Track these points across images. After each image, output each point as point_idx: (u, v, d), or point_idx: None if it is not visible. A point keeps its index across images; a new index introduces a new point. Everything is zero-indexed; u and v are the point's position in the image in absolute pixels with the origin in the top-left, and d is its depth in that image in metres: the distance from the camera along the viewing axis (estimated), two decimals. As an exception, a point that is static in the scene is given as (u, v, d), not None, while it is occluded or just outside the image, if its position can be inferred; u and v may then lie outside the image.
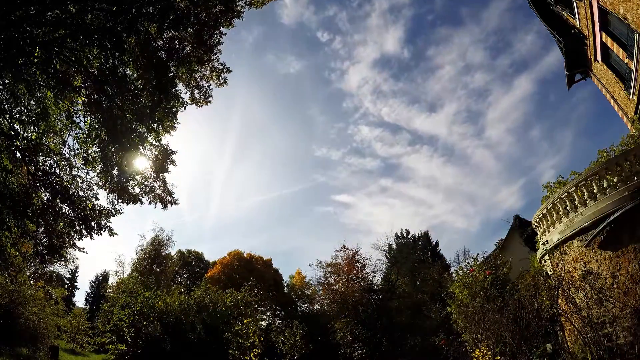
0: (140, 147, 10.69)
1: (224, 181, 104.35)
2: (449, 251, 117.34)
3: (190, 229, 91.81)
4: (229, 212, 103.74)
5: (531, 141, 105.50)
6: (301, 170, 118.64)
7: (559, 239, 9.99)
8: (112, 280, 43.02)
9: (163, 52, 10.35)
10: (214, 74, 11.30)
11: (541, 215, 11.14)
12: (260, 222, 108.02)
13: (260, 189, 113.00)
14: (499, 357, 9.79)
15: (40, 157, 10.46)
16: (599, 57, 14.81)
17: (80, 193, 10.86)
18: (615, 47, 13.12)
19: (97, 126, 10.42)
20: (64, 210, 10.75)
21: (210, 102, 11.58)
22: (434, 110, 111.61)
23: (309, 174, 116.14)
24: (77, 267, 49.36)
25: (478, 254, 22.58)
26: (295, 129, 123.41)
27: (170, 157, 11.27)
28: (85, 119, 10.64)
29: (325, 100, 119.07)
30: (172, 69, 10.50)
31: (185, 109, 11.35)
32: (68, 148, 10.88)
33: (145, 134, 10.78)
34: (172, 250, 43.04)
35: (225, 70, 11.28)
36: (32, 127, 10.18)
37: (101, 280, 50.37)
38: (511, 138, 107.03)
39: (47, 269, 33.23)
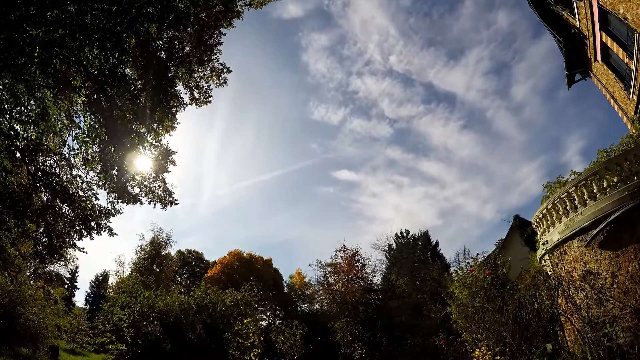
0: (140, 147, 10.68)
1: (216, 160, 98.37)
2: (449, 251, 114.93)
3: (182, 217, 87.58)
4: (223, 198, 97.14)
5: (559, 105, 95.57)
6: (298, 141, 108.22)
7: (559, 239, 9.99)
8: (112, 280, 43.10)
9: (163, 52, 10.35)
10: (214, 74, 11.30)
11: (541, 215, 11.14)
12: (256, 208, 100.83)
13: (255, 168, 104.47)
14: (499, 357, 9.79)
15: (40, 157, 10.46)
16: (599, 57, 14.81)
17: (80, 193, 10.86)
18: (615, 47, 13.12)
19: (97, 126, 10.42)
20: (64, 210, 10.75)
21: (210, 102, 11.59)
22: (452, 57, 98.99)
23: (306, 145, 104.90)
24: (77, 267, 49.33)
25: (478, 254, 22.58)
26: (292, 83, 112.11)
27: (170, 157, 11.26)
28: (85, 119, 10.65)
29: (324, 49, 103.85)
30: (172, 69, 10.50)
31: (185, 109, 11.38)
32: (68, 148, 10.89)
33: (145, 134, 10.77)
34: (172, 250, 43.10)
35: (225, 70, 11.28)
36: (32, 127, 10.18)
37: (101, 280, 50.37)
38: (538, 99, 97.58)
39: (47, 269, 33.27)
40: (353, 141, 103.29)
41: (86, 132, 10.55)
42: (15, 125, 10.08)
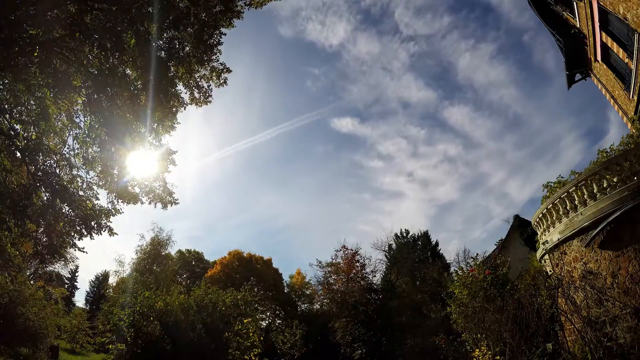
0: (140, 147, 10.69)
1: (201, 119, 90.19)
2: (449, 251, 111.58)
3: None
4: (211, 169, 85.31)
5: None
6: (294, 74, 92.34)
7: (559, 239, 9.99)
8: (112, 280, 43.09)
9: (163, 52, 10.34)
10: (214, 74, 11.28)
11: (541, 215, 11.14)
12: (249, 185, 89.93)
13: (245, 129, 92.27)
14: (498, 357, 9.78)
15: (40, 157, 10.45)
16: (599, 57, 14.80)
17: (80, 193, 10.86)
18: (615, 47, 13.12)
19: (97, 126, 10.42)
20: (64, 210, 10.75)
21: (210, 102, 11.58)
22: None
23: (303, 79, 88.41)
24: (77, 267, 49.33)
25: (478, 254, 22.61)
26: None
27: (170, 157, 11.27)
28: (85, 118, 10.65)
29: None
30: (172, 69, 10.50)
31: (185, 109, 11.38)
32: (68, 148, 10.90)
33: (145, 134, 10.78)
34: (172, 250, 43.08)
35: (225, 70, 11.26)
36: (32, 127, 10.18)
37: (101, 280, 50.28)
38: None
39: (47, 268, 33.28)
40: (358, 74, 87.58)
41: (86, 132, 10.56)
42: (15, 125, 10.09)
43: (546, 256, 10.96)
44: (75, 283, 52.05)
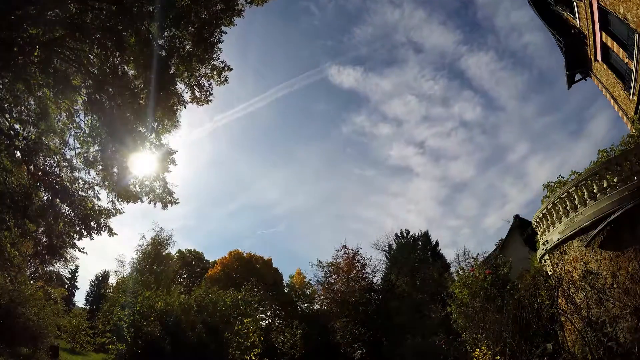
0: (141, 147, 10.69)
1: None
2: (449, 251, 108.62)
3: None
4: (202, 145, 76.77)
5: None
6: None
7: (559, 239, 9.99)
8: (112, 280, 43.12)
9: (163, 51, 10.33)
10: (215, 72, 11.25)
11: (541, 215, 11.14)
12: (244, 164, 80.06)
13: (239, 96, 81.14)
14: (499, 357, 9.78)
15: (40, 157, 10.45)
16: (599, 57, 14.79)
17: (81, 193, 10.87)
18: (615, 47, 13.11)
19: (97, 125, 10.43)
20: (63, 210, 10.75)
21: (211, 100, 11.56)
22: None
23: (300, 17, 75.07)
24: (77, 267, 49.30)
25: (478, 254, 22.61)
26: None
27: (171, 157, 11.26)
28: (86, 118, 10.66)
29: None
30: (173, 68, 10.48)
31: (185, 107, 11.36)
32: (68, 148, 10.91)
33: (146, 133, 10.78)
34: (172, 250, 43.06)
35: (226, 68, 11.23)
36: (32, 127, 10.19)
37: (101, 280, 50.26)
38: None
39: (47, 268, 33.24)
40: (362, 11, 71.91)
41: (87, 131, 10.57)
42: (15, 125, 10.09)
43: (546, 256, 10.95)
44: (75, 283, 52.08)
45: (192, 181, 67.43)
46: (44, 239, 11.84)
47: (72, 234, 10.95)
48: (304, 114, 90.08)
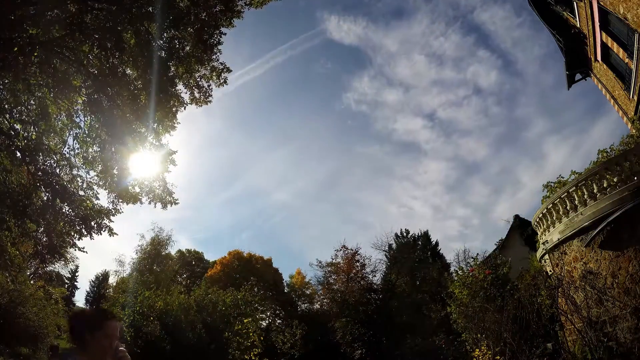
0: (140, 147, 10.69)
1: None
2: (449, 251, 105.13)
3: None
4: (192, 119, 69.52)
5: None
6: None
7: (559, 239, 9.99)
8: (112, 280, 43.10)
9: (163, 52, 10.34)
10: (214, 73, 11.26)
11: (541, 215, 11.14)
12: (238, 145, 72.25)
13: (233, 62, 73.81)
14: (499, 357, 9.78)
15: (40, 157, 10.46)
16: (599, 57, 14.80)
17: (81, 193, 10.86)
18: (615, 47, 13.11)
19: (97, 126, 10.43)
20: (64, 210, 10.75)
21: (210, 101, 11.57)
22: None
23: None
24: (77, 266, 49.42)
25: (478, 254, 22.58)
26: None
27: (170, 157, 11.27)
28: (86, 118, 10.66)
29: None
30: (172, 69, 10.48)
31: (185, 108, 11.36)
32: (68, 148, 10.91)
33: (145, 134, 10.78)
34: (172, 250, 43.12)
35: (225, 70, 11.24)
36: (32, 127, 10.19)
37: (101, 280, 50.35)
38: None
39: (47, 268, 33.25)
40: None
41: (86, 131, 10.56)
42: (15, 125, 10.09)
43: (546, 256, 10.96)
44: (75, 283, 52.21)
45: (184, 167, 61.99)
46: (44, 239, 11.83)
47: (72, 233, 10.94)
48: (303, 81, 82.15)
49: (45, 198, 10.65)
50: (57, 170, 10.75)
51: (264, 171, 79.04)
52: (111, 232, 10.87)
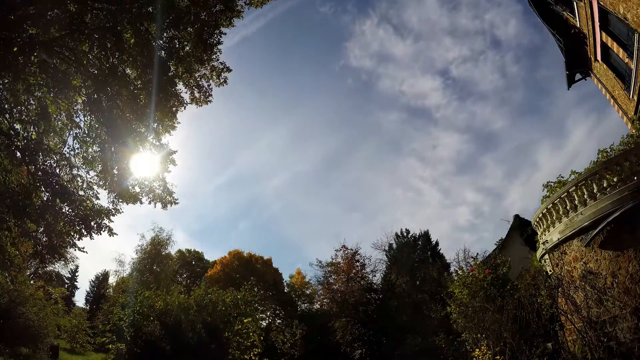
0: (140, 147, 10.68)
1: None
2: (449, 251, 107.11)
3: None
4: None
5: None
6: None
7: (559, 239, 9.99)
8: (112, 280, 43.12)
9: (163, 52, 10.33)
10: (214, 73, 11.26)
11: (541, 214, 11.14)
12: (232, 123, 67.05)
13: None
14: (498, 357, 9.79)
15: (40, 157, 10.44)
16: (599, 57, 14.80)
17: (80, 193, 10.85)
18: (615, 47, 13.11)
19: (97, 126, 10.42)
20: (64, 210, 10.74)
21: (210, 101, 11.56)
22: None
23: None
24: (77, 266, 49.42)
25: (478, 254, 22.59)
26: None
27: (170, 157, 11.26)
28: (85, 118, 10.65)
29: None
30: (172, 69, 10.48)
31: (185, 108, 11.36)
32: (68, 148, 10.89)
33: (145, 134, 10.77)
34: (172, 250, 43.10)
35: (225, 69, 11.24)
36: (32, 127, 10.18)
37: (101, 280, 50.29)
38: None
39: (47, 268, 33.27)
40: None
41: (86, 131, 10.55)
42: (15, 125, 10.08)
43: (546, 256, 10.96)
44: (75, 283, 52.15)
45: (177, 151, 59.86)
46: (44, 239, 11.82)
47: (72, 233, 10.93)
48: (301, 33, 73.20)
49: (45, 198, 10.64)
50: (57, 170, 10.73)
51: (260, 152, 73.38)
52: (111, 232, 10.86)
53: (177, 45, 10.50)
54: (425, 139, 64.33)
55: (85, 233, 10.69)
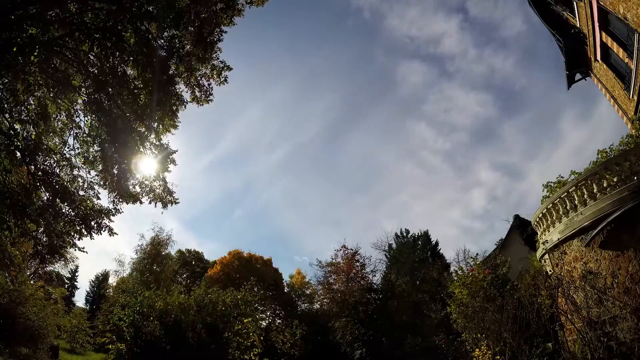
0: (141, 147, 10.67)
1: None
2: (449, 251, 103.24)
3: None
4: None
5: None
6: None
7: (558, 239, 9.99)
8: (112, 280, 43.09)
9: (163, 51, 10.32)
10: (215, 72, 11.23)
11: (541, 214, 11.14)
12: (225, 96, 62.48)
13: None
14: (498, 357, 9.78)
15: (40, 157, 10.44)
16: (599, 57, 14.80)
17: (81, 192, 10.86)
18: (615, 47, 13.11)
19: (97, 125, 10.42)
20: (64, 210, 10.74)
21: (211, 100, 11.54)
22: None
23: None
24: (77, 266, 49.37)
25: (478, 254, 22.63)
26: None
27: (171, 157, 11.25)
28: (86, 118, 10.65)
29: None
30: (172, 68, 10.47)
31: (185, 107, 11.34)
32: (68, 147, 10.90)
33: (146, 133, 10.77)
34: (172, 250, 43.11)
35: (225, 68, 11.21)
36: (32, 127, 10.18)
37: (101, 280, 50.26)
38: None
39: (47, 268, 33.20)
40: None
41: (86, 131, 10.56)
42: (15, 125, 10.08)
43: (546, 256, 10.96)
44: (75, 283, 52.11)
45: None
46: (44, 239, 11.82)
47: (72, 233, 10.93)
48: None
49: (45, 198, 10.64)
50: (57, 170, 10.73)
51: (254, 122, 65.62)
52: (111, 232, 10.86)
53: (178, 44, 10.47)
54: (439, 102, 59.94)
55: (85, 233, 10.69)
